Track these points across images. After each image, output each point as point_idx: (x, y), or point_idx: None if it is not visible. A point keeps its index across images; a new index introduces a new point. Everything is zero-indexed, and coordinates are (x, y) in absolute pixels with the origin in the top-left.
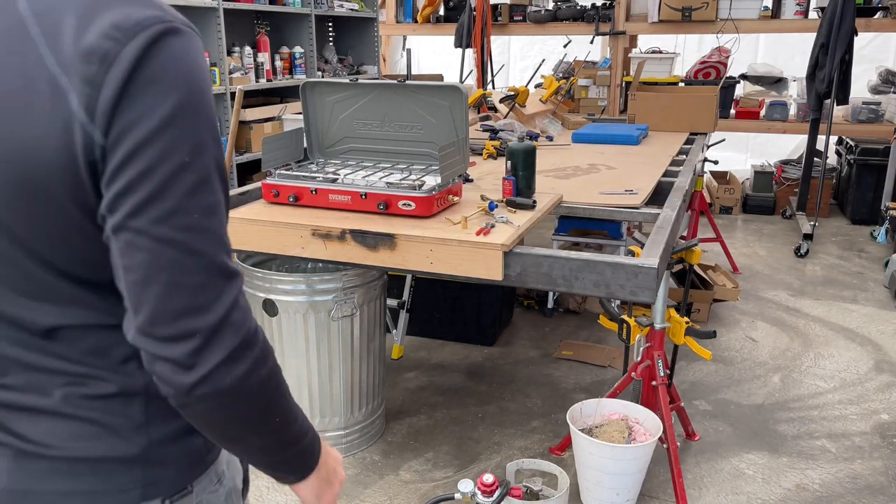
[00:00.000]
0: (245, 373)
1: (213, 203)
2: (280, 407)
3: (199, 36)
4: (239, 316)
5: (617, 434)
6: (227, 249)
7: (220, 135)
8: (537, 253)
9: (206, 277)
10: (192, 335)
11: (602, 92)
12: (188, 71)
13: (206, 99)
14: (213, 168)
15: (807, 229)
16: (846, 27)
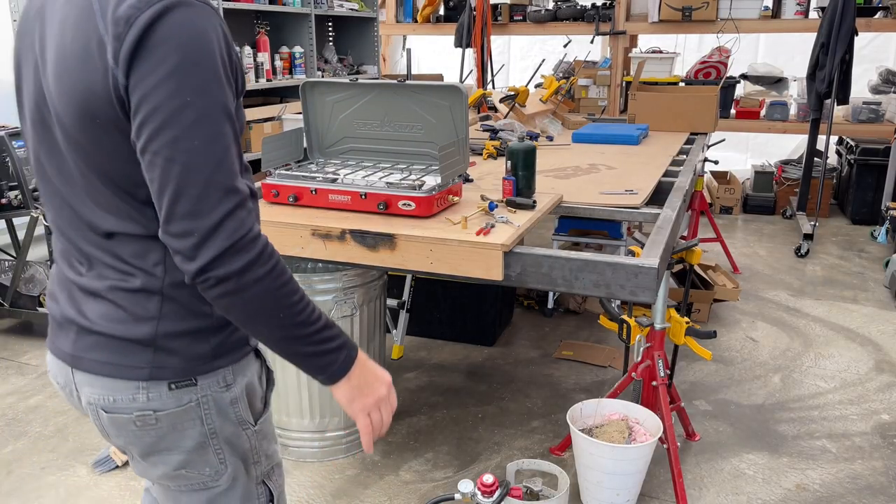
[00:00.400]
0: (240, 269)
1: (214, 133)
2: (284, 305)
3: (214, 9)
4: (232, 224)
5: (617, 434)
6: (230, 171)
7: (231, 85)
8: (537, 253)
9: (204, 190)
10: (191, 234)
11: (602, 92)
12: (189, 35)
13: (205, 56)
14: (215, 108)
15: (807, 229)
16: (846, 27)
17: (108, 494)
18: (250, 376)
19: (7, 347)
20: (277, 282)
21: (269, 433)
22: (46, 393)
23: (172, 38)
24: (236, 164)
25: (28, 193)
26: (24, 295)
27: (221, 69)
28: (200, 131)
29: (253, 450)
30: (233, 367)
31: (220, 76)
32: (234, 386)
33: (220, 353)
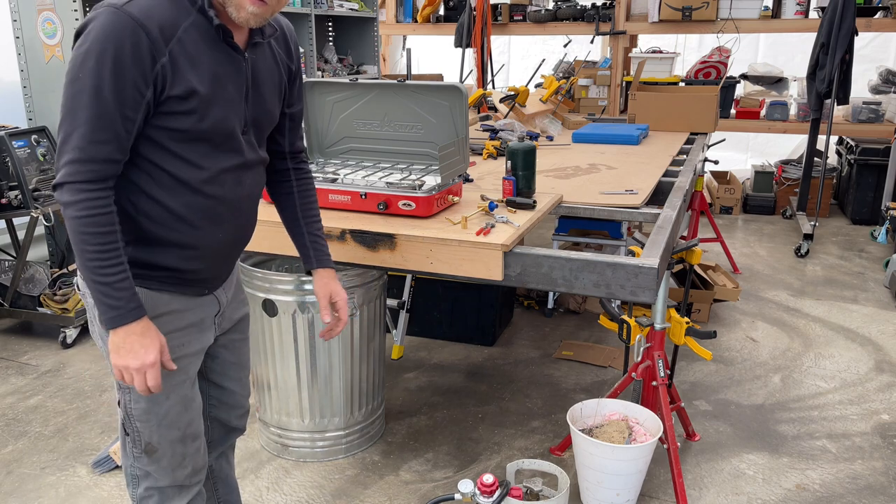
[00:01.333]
0: (63, 204)
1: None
2: (79, 247)
3: (127, 14)
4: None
5: (617, 434)
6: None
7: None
8: (537, 253)
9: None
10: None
11: (602, 92)
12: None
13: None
14: (81, 89)
15: (807, 229)
16: (846, 27)
17: (108, 494)
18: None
19: (7, 347)
20: (75, 225)
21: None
22: (46, 393)
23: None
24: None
25: (28, 193)
26: (24, 295)
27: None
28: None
29: None
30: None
31: (94, 67)
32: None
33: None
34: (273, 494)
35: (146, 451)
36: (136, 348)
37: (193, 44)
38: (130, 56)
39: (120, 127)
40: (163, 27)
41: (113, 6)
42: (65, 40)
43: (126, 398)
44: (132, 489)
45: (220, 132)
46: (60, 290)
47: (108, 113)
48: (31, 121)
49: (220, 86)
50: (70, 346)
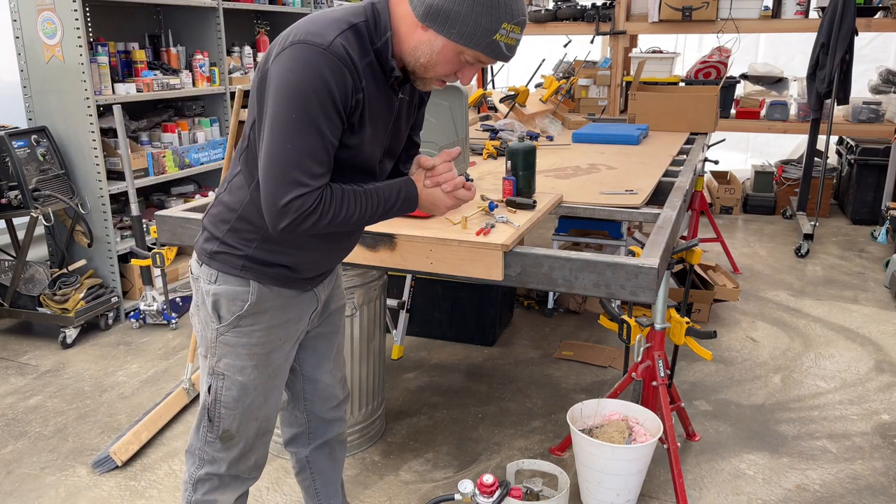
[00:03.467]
0: (306, 229)
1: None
2: (349, 224)
3: (334, 56)
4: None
5: (617, 434)
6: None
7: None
8: (537, 253)
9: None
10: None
11: (602, 92)
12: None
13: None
14: (299, 128)
15: (807, 229)
16: (846, 27)
17: (108, 494)
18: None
19: (7, 347)
20: (335, 222)
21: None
22: (46, 393)
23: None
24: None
25: (28, 193)
26: (24, 295)
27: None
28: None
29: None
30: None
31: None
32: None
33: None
34: (273, 494)
35: (221, 438)
36: (434, 199)
37: (369, 81)
38: (339, 93)
39: (331, 154)
40: (356, 63)
41: (317, 46)
42: (65, 40)
43: (218, 384)
44: (194, 469)
45: (365, 163)
46: (60, 290)
47: (322, 146)
48: (30, 121)
49: (377, 121)
50: (70, 346)
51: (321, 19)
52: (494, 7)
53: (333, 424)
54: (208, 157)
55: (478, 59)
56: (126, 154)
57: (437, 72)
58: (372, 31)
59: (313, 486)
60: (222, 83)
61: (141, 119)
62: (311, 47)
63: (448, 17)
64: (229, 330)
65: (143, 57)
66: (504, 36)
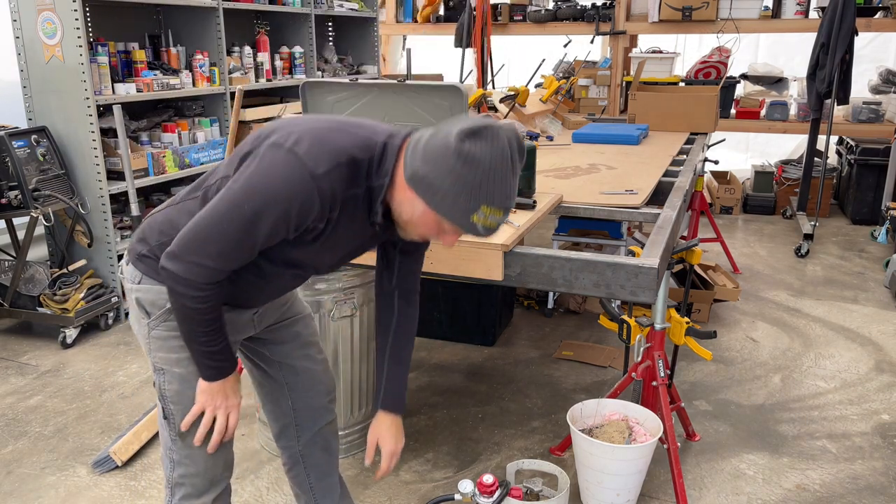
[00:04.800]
0: (172, 290)
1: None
2: (184, 327)
3: (315, 185)
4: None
5: (617, 434)
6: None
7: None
8: (537, 253)
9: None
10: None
11: (602, 92)
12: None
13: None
14: (239, 218)
15: (807, 229)
16: (846, 27)
17: (108, 494)
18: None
19: (7, 347)
20: (186, 314)
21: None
22: (46, 393)
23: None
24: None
25: (28, 193)
26: (24, 295)
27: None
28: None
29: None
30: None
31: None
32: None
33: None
34: (273, 494)
35: (180, 435)
36: (228, 392)
37: (346, 211)
38: (297, 216)
39: (255, 252)
40: (336, 198)
41: (309, 172)
42: (65, 40)
43: (161, 379)
44: (168, 472)
45: (318, 266)
46: (60, 290)
47: (253, 245)
48: (31, 121)
49: (342, 243)
50: (70, 346)
51: (328, 143)
52: (476, 189)
53: (321, 412)
54: (208, 157)
55: (455, 230)
56: (126, 154)
57: (418, 231)
58: (372, 170)
59: (307, 481)
60: (222, 83)
61: (141, 119)
62: (299, 167)
63: (430, 188)
64: (160, 324)
65: (143, 57)
66: (483, 218)
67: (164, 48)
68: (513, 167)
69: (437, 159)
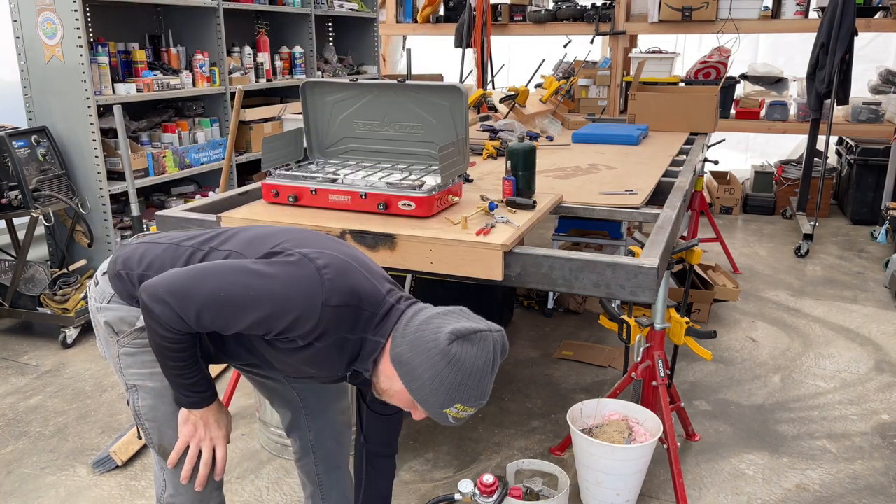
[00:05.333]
0: (147, 321)
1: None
2: (159, 356)
3: (322, 304)
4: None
5: (617, 434)
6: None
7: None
8: (537, 253)
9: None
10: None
11: (602, 92)
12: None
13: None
14: (237, 298)
15: (807, 229)
16: (846, 27)
17: (108, 494)
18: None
19: (7, 347)
20: (159, 344)
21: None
22: (46, 393)
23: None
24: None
25: (28, 193)
26: (24, 295)
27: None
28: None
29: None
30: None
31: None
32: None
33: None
34: (273, 494)
35: (160, 454)
36: (211, 424)
37: (333, 347)
38: (287, 327)
39: (227, 330)
40: (328, 332)
41: (321, 297)
42: (65, 40)
43: (134, 397)
44: (159, 490)
45: (266, 366)
46: (60, 290)
47: (233, 325)
48: (31, 121)
49: (308, 369)
50: (70, 346)
51: (349, 277)
52: (455, 390)
53: (331, 396)
54: (208, 158)
55: (427, 414)
56: (126, 154)
57: (392, 401)
58: (372, 326)
59: (315, 472)
60: (222, 83)
61: (141, 119)
62: (319, 291)
63: (411, 374)
64: (130, 341)
65: (143, 57)
66: (455, 412)
67: (164, 48)
68: (493, 369)
69: (423, 352)
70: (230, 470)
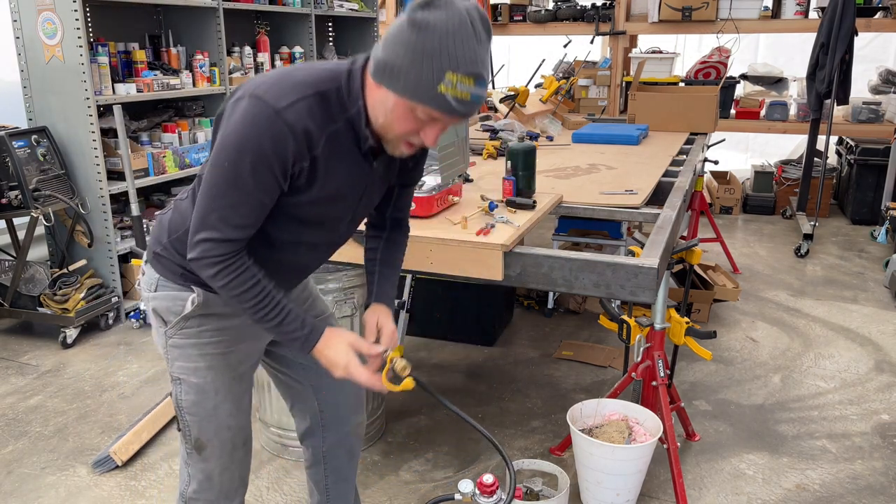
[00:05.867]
0: (206, 276)
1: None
2: (237, 304)
3: (282, 120)
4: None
5: (617, 434)
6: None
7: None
8: (537, 253)
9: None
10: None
11: (602, 92)
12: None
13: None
14: (225, 177)
15: (807, 229)
16: (846, 27)
17: (108, 494)
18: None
19: (7, 347)
20: (227, 291)
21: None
22: (46, 393)
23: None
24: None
25: (28, 193)
26: (24, 295)
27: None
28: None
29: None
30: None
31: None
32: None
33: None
34: (273, 494)
35: (196, 447)
36: (332, 356)
37: (333, 149)
38: (276, 157)
39: (257, 212)
40: (311, 134)
41: (270, 106)
42: (65, 40)
43: (177, 390)
44: (183, 487)
45: (328, 223)
46: (60, 290)
47: (247, 201)
48: (31, 121)
49: (344, 189)
50: (70, 346)
51: (288, 79)
52: (436, 55)
53: (349, 414)
54: None
55: (430, 115)
56: (126, 154)
57: (396, 131)
58: (344, 99)
59: (324, 482)
60: (222, 83)
61: (141, 119)
62: (262, 106)
63: (392, 71)
64: (177, 332)
65: (143, 57)
66: (450, 87)
67: (164, 48)
68: (475, 33)
69: (393, 40)
70: None
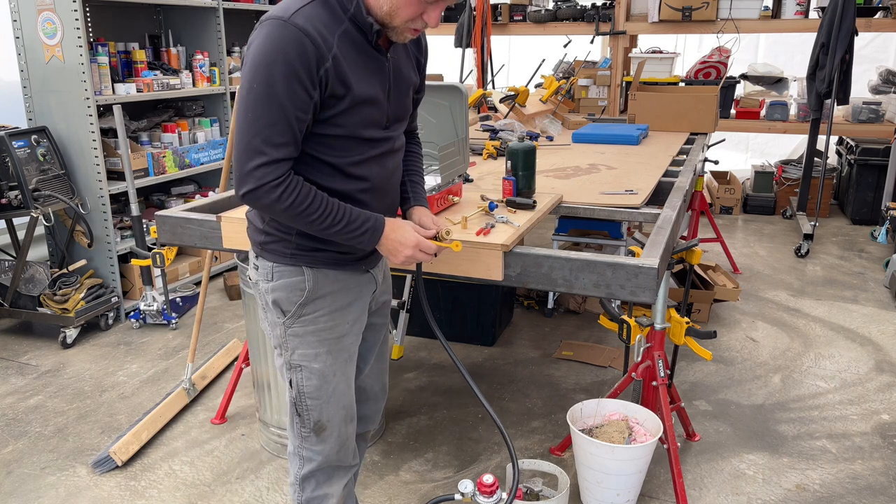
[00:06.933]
0: (262, 206)
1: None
2: (306, 222)
3: (293, 25)
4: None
5: (617, 434)
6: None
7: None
8: (537, 253)
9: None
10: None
11: (602, 92)
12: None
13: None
14: (257, 98)
15: (807, 229)
16: (846, 27)
17: (108, 494)
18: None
19: (7, 347)
20: (293, 211)
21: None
22: (46, 393)
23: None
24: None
25: (28, 193)
26: (24, 295)
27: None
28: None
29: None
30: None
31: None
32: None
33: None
34: (273, 494)
35: (315, 430)
36: (401, 237)
37: (347, 49)
38: (299, 63)
39: (295, 128)
40: (324, 35)
41: (279, 18)
42: (65, 40)
43: (298, 377)
44: (297, 469)
45: (369, 128)
46: (60, 290)
47: (284, 118)
48: (31, 121)
49: (370, 86)
50: (70, 346)
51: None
52: None
53: (367, 419)
54: (208, 158)
55: None
56: (126, 154)
57: (402, 16)
58: (344, 1)
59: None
60: (222, 83)
61: (141, 119)
62: (273, 21)
63: None
64: (295, 321)
65: (143, 57)
66: None
67: (164, 48)
68: None
69: None
70: (230, 470)
